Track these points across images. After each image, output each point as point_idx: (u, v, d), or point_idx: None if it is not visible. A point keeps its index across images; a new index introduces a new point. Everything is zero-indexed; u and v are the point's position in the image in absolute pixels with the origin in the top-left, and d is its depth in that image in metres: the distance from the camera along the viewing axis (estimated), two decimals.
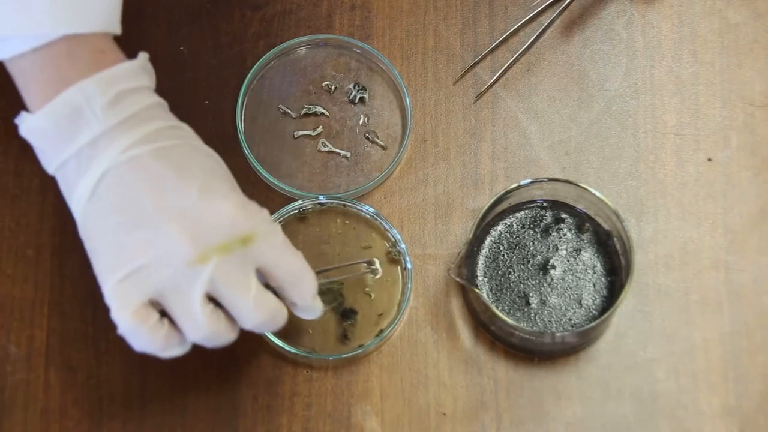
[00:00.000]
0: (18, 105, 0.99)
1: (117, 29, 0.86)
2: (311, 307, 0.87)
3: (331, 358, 0.93)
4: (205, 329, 0.83)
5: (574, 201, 0.95)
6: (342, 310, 0.94)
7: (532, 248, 0.95)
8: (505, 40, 1.01)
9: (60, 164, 0.84)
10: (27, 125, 0.84)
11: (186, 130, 0.86)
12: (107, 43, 0.85)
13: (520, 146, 0.99)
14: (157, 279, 0.81)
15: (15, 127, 0.98)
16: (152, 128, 0.83)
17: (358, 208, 0.97)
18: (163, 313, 0.84)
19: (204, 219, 0.81)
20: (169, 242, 0.81)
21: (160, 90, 0.88)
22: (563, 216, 0.95)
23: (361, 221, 0.97)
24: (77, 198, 0.83)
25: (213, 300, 0.84)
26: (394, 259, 0.96)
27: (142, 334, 0.82)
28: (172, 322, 0.84)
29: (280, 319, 0.85)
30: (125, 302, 0.81)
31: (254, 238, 0.82)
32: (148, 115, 0.84)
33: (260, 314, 0.83)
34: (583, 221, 0.95)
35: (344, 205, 0.97)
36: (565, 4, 1.00)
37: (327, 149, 0.99)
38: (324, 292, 0.94)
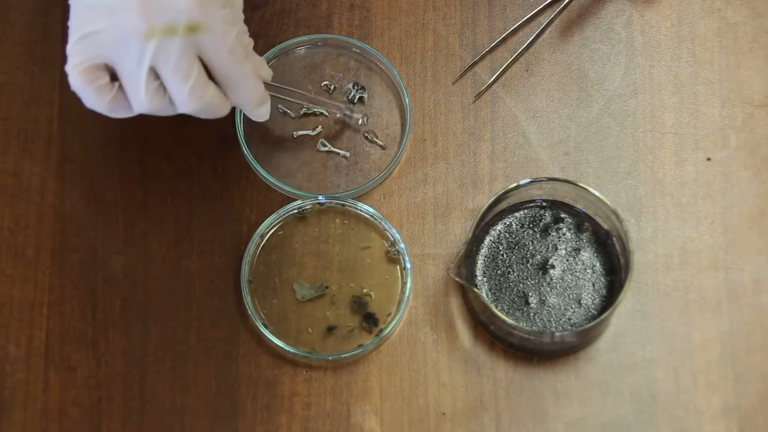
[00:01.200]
0: (17, 105, 1.00)
1: None
2: (251, 113, 0.94)
3: (330, 358, 0.93)
4: (146, 103, 0.88)
5: (574, 200, 0.95)
6: (365, 313, 0.94)
7: (531, 248, 0.95)
8: (504, 39, 1.01)
9: None
10: None
11: None
12: None
13: (520, 146, 0.99)
14: (110, 45, 0.87)
15: (14, 128, 0.98)
16: None
17: (358, 207, 0.97)
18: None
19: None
20: (126, 13, 0.86)
21: None
22: (562, 216, 0.95)
23: (360, 221, 0.97)
24: None
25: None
26: (393, 258, 0.96)
27: (89, 92, 0.88)
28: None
29: (219, 110, 0.90)
30: (78, 59, 0.87)
31: (200, 29, 0.87)
32: None
33: (193, 103, 0.88)
34: (582, 221, 0.95)
35: (343, 205, 0.97)
36: (564, 3, 1.00)
37: (326, 149, 0.99)
38: (315, 298, 0.95)
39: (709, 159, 0.98)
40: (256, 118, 0.94)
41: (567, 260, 0.94)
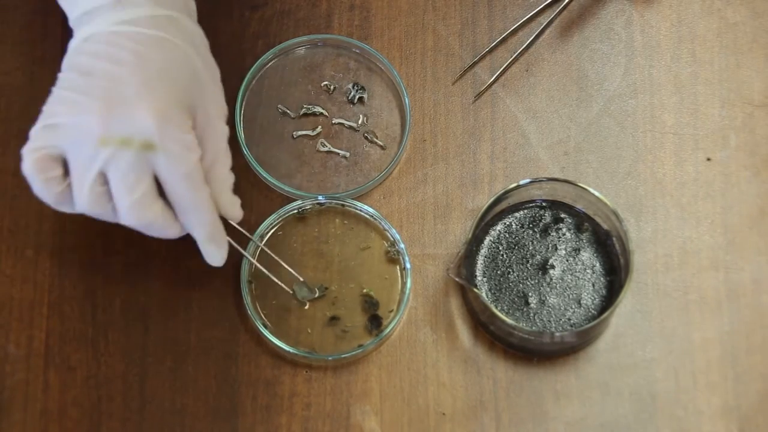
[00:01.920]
0: (17, 105, 1.00)
1: None
2: (203, 248, 0.91)
3: (330, 358, 0.93)
4: (86, 206, 0.87)
5: (573, 201, 0.95)
6: (373, 314, 0.94)
7: (531, 248, 0.95)
8: (504, 40, 1.01)
9: (73, 19, 0.90)
10: None
11: (182, 25, 0.90)
12: None
13: (519, 146, 0.99)
14: (66, 141, 0.86)
15: (14, 128, 0.98)
16: (145, 13, 0.88)
17: (357, 208, 0.97)
18: None
19: (125, 110, 0.86)
20: (88, 115, 0.86)
21: None
22: (562, 216, 0.95)
23: (360, 221, 0.97)
24: (69, 48, 0.90)
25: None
26: (393, 258, 0.96)
27: (37, 181, 0.87)
28: None
29: (166, 231, 0.89)
30: (35, 146, 0.87)
31: (155, 148, 0.86)
32: (151, 0, 0.89)
33: (133, 217, 0.87)
34: (582, 221, 0.95)
35: (343, 205, 0.97)
36: (564, 3, 1.00)
37: (326, 149, 0.99)
38: (317, 299, 0.95)
39: (709, 159, 0.98)
40: (208, 257, 0.91)
41: (567, 260, 0.94)
